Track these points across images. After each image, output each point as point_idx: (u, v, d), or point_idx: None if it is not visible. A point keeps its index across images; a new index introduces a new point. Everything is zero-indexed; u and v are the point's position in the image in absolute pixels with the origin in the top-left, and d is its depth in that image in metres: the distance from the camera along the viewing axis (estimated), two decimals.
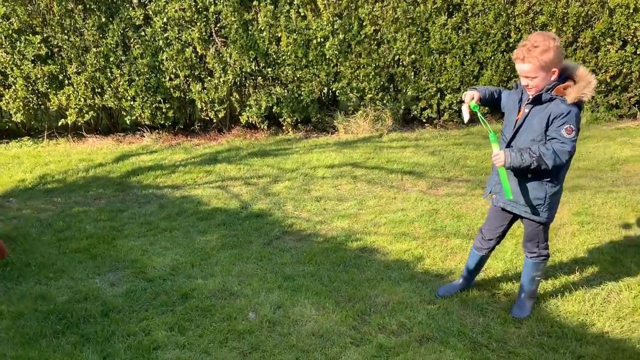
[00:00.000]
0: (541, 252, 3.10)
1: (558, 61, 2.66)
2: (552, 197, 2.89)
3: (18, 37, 6.76)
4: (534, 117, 2.76)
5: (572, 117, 2.66)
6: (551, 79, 2.69)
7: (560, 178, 2.88)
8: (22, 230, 4.53)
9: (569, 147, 2.65)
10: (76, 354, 2.84)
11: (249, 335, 2.99)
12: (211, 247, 4.10)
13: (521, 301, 3.23)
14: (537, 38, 2.64)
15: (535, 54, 2.62)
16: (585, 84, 2.68)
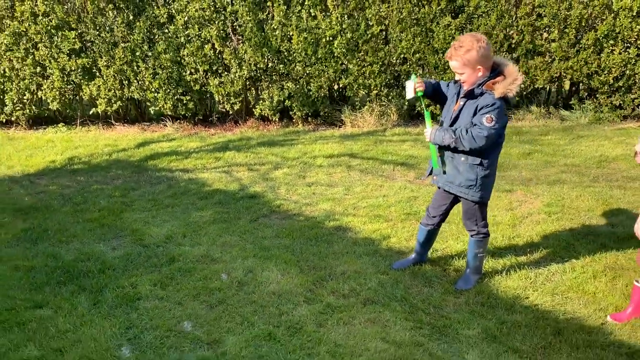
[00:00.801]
0: (480, 230, 3.44)
1: (483, 60, 3.00)
2: (483, 179, 3.23)
3: (56, 32, 7.46)
4: (466, 109, 3.12)
5: (495, 108, 3.01)
6: (478, 75, 3.04)
7: (489, 163, 3.21)
8: (46, 203, 5.15)
9: (485, 133, 2.99)
10: (72, 299, 3.38)
11: (218, 292, 3.46)
12: (204, 222, 4.59)
13: (466, 276, 3.57)
14: (464, 39, 3.00)
15: (460, 53, 2.98)
16: (511, 80, 3.02)
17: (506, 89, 3.00)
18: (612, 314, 3.19)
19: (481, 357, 2.83)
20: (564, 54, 7.19)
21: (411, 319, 3.17)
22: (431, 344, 2.94)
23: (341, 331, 3.05)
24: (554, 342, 2.95)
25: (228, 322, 3.15)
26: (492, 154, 3.20)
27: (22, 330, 3.06)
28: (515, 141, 6.76)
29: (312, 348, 2.90)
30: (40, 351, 2.88)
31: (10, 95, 7.79)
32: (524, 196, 5.04)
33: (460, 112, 3.16)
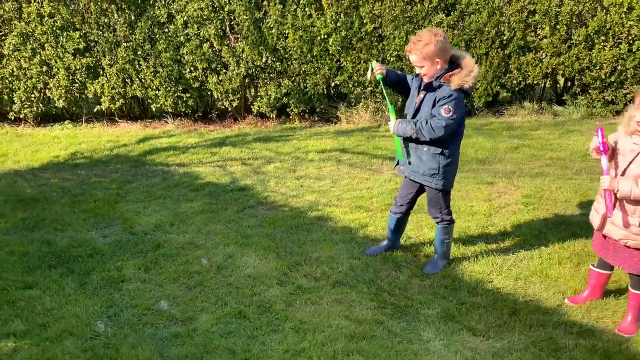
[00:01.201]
0: (444, 217, 3.59)
1: (441, 53, 3.15)
2: (445, 168, 3.38)
3: (61, 33, 7.73)
4: (426, 101, 3.28)
5: (452, 100, 3.16)
6: (437, 68, 3.19)
7: (451, 153, 3.37)
8: (46, 194, 5.40)
9: (443, 123, 3.15)
10: (60, 281, 3.61)
11: (198, 275, 3.66)
12: (192, 212, 4.80)
13: (434, 261, 3.73)
14: (423, 34, 3.16)
15: (418, 47, 3.14)
16: (467, 72, 3.17)
17: (462, 81, 3.15)
18: (570, 297, 3.33)
19: (436, 335, 2.99)
20: (555, 50, 7.28)
21: (376, 299, 3.34)
22: (391, 322, 3.11)
23: (308, 310, 3.23)
24: (508, 322, 3.10)
25: (203, 301, 3.35)
26: (453, 143, 3.36)
27: (11, 307, 3.29)
28: (505, 136, 6.87)
29: (279, 325, 3.09)
30: (26, 326, 3.10)
31: (18, 94, 8.08)
32: (505, 188, 5.16)
33: (421, 105, 3.32)
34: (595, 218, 3.06)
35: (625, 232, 2.87)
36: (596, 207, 3.07)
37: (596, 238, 3.15)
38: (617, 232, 2.92)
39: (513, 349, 2.86)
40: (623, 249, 2.95)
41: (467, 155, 6.19)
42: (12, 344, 2.95)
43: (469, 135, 6.97)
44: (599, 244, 3.12)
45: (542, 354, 2.82)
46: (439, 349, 2.87)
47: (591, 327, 3.06)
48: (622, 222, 2.87)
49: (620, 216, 2.87)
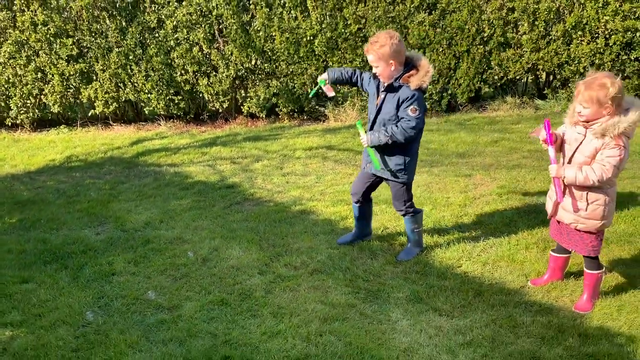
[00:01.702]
0: (407, 210, 3.80)
1: (395, 55, 3.35)
2: (409, 163, 3.62)
3: (54, 40, 7.96)
4: (388, 101, 3.49)
5: (415, 100, 3.38)
6: (391, 69, 3.39)
7: (413, 149, 3.61)
8: (42, 196, 5.62)
9: (413, 123, 3.38)
10: (54, 275, 3.83)
11: (184, 267, 3.88)
12: (181, 209, 5.02)
13: (408, 249, 3.95)
14: (380, 35, 3.37)
15: (375, 48, 3.35)
16: (424, 72, 3.39)
17: (420, 81, 3.37)
18: (532, 279, 3.54)
19: (404, 315, 3.20)
20: (534, 45, 7.50)
21: (350, 285, 3.55)
22: (363, 305, 3.33)
23: (286, 296, 3.45)
24: (473, 302, 3.31)
25: (188, 291, 3.57)
26: (416, 140, 3.58)
27: (8, 300, 3.51)
28: (487, 130, 7.09)
29: (258, 310, 3.31)
30: (22, 316, 3.32)
31: (14, 100, 8.31)
32: (482, 180, 5.38)
33: (382, 105, 3.53)
34: (548, 205, 3.28)
35: (575, 216, 3.09)
36: (550, 195, 3.28)
37: (552, 224, 3.36)
38: (567, 216, 3.13)
39: (474, 326, 3.07)
40: (575, 232, 3.16)
41: (447, 149, 6.41)
42: (10, 332, 3.16)
43: (452, 130, 7.20)
44: (554, 230, 3.33)
45: (501, 330, 3.04)
46: (405, 328, 3.09)
47: (550, 305, 3.27)
48: (571, 207, 3.08)
49: (570, 202, 3.09)
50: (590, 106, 2.89)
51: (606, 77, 2.87)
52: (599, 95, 2.83)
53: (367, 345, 2.94)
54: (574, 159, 3.04)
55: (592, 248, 3.15)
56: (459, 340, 2.96)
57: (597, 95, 2.84)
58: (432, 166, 5.88)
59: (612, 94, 2.81)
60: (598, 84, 2.85)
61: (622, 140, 2.92)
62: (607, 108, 2.85)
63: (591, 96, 2.85)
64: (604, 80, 2.84)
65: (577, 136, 3.04)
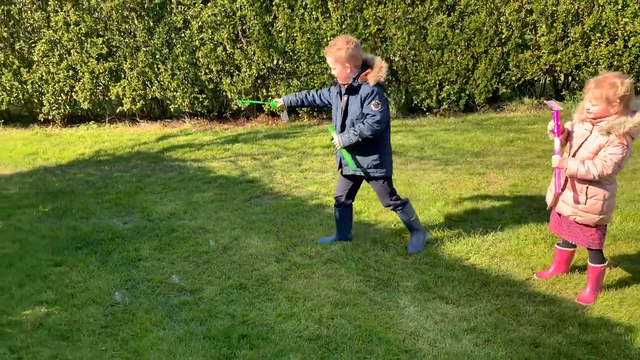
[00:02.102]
0: (395, 204, 3.96)
1: (350, 59, 3.54)
2: (383, 158, 3.77)
3: (85, 39, 8.29)
4: (352, 102, 3.67)
5: (375, 95, 3.57)
6: (347, 72, 3.58)
7: (384, 144, 3.77)
8: (73, 188, 5.92)
9: (378, 117, 3.57)
10: (85, 259, 4.09)
11: (206, 254, 4.11)
12: (204, 201, 5.26)
13: (414, 240, 4.06)
14: (338, 40, 3.58)
15: (332, 51, 3.55)
16: (378, 69, 3.58)
17: (377, 77, 3.56)
18: (538, 272, 3.68)
19: (412, 302, 3.38)
20: (552, 47, 7.57)
21: (362, 274, 3.74)
22: (374, 292, 3.51)
23: (300, 283, 3.65)
24: (479, 292, 3.47)
25: (209, 276, 3.79)
26: (384, 135, 3.75)
27: (43, 281, 3.78)
28: (503, 130, 7.19)
29: (274, 294, 3.51)
30: (56, 295, 3.58)
31: (47, 97, 8.68)
32: (495, 178, 5.51)
33: (347, 106, 3.70)
34: (549, 197, 3.42)
35: (574, 208, 3.22)
36: (550, 187, 3.42)
37: (552, 217, 3.50)
38: (566, 208, 3.27)
39: (479, 314, 3.23)
40: (575, 225, 3.29)
41: (463, 148, 6.54)
42: (45, 309, 3.43)
43: (468, 130, 7.32)
44: (554, 222, 3.47)
45: (504, 318, 3.19)
46: (412, 314, 3.26)
47: (553, 296, 3.41)
48: (572, 200, 3.22)
49: (571, 195, 3.22)
50: (599, 104, 3.02)
51: (616, 76, 3.00)
52: (608, 93, 2.96)
53: (375, 328, 3.12)
54: (578, 153, 3.17)
55: (592, 240, 3.27)
56: (463, 326, 3.12)
57: (607, 93, 2.97)
58: (446, 164, 6.02)
59: (621, 93, 2.94)
60: (608, 83, 2.97)
61: (626, 140, 3.04)
62: (615, 107, 2.98)
63: (601, 94, 2.98)
64: (614, 79, 2.97)
65: (584, 132, 3.16)
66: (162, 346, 3.01)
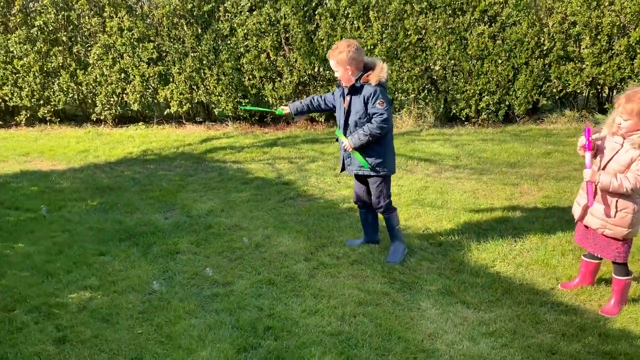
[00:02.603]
0: (387, 206, 4.02)
1: (351, 62, 3.66)
2: (386, 156, 3.88)
3: (137, 44, 8.73)
4: (355, 102, 3.79)
5: (379, 94, 3.70)
6: (349, 74, 3.71)
7: (387, 143, 3.87)
8: (120, 184, 6.26)
9: (385, 115, 3.71)
10: (127, 250, 4.37)
11: (239, 250, 4.31)
12: (240, 201, 5.48)
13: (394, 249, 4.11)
14: (340, 43, 3.71)
15: (334, 54, 3.69)
16: (379, 70, 3.70)
17: (378, 77, 3.68)
18: (563, 283, 3.70)
19: (433, 305, 3.47)
20: (595, 59, 7.47)
21: (387, 276, 3.85)
22: (397, 294, 3.62)
23: (327, 281, 3.79)
24: (501, 299, 3.53)
25: (241, 270, 3.99)
26: (388, 133, 3.85)
27: (89, 268, 4.07)
28: (541, 142, 7.15)
29: (300, 291, 3.67)
30: (99, 281, 3.85)
31: (100, 98, 9.16)
32: (528, 189, 5.51)
33: (350, 106, 3.82)
34: (576, 210, 3.44)
35: (602, 221, 3.25)
36: (578, 200, 3.45)
37: (578, 229, 3.52)
38: (595, 221, 3.29)
39: (498, 319, 3.29)
40: (602, 238, 3.31)
41: (499, 159, 6.55)
42: (89, 294, 3.70)
43: (506, 140, 7.31)
44: (580, 235, 3.49)
45: (523, 324, 3.24)
46: (433, 316, 3.35)
47: (576, 307, 3.43)
48: (601, 213, 3.24)
49: (599, 207, 3.25)
50: (631, 118, 3.05)
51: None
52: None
53: (395, 327, 3.23)
54: (608, 166, 3.20)
55: (618, 254, 3.29)
56: (482, 330, 3.19)
57: (638, 107, 3.00)
58: (481, 174, 6.04)
59: None
60: (639, 97, 3.01)
61: None
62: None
63: (632, 109, 3.01)
64: None
65: (615, 145, 3.19)
66: (193, 332, 3.21)
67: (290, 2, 8.03)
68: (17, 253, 4.37)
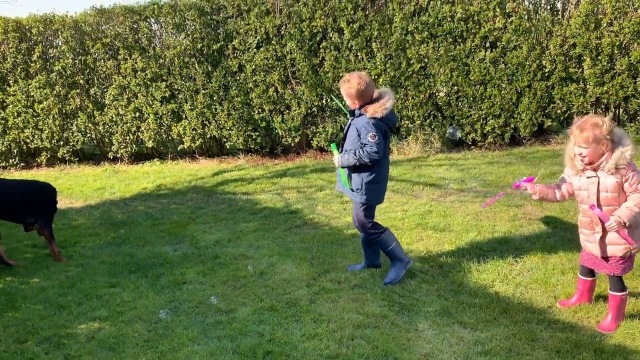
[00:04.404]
0: (368, 232, 4.14)
1: (359, 96, 3.83)
2: (367, 185, 3.97)
3: (151, 83, 9.08)
4: (352, 129, 3.96)
5: (371, 127, 3.80)
6: (356, 104, 3.88)
7: (372, 171, 3.95)
8: (133, 218, 6.46)
9: (375, 148, 3.81)
10: (136, 281, 4.52)
11: (243, 279, 4.43)
12: (248, 230, 5.62)
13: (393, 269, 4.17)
14: (351, 77, 3.84)
15: (345, 87, 3.86)
16: (380, 104, 3.81)
17: (374, 111, 3.79)
18: (561, 301, 3.73)
19: (430, 326, 3.52)
20: (598, 79, 7.53)
21: (387, 299, 3.92)
22: (395, 316, 3.68)
23: (327, 306, 3.87)
24: (498, 318, 3.57)
25: (244, 298, 4.09)
26: (375, 166, 3.93)
27: (98, 300, 4.22)
28: (547, 163, 7.17)
29: (301, 316, 3.76)
30: (108, 312, 4.00)
31: (116, 137, 9.50)
32: (532, 210, 5.54)
33: (348, 131, 4.00)
34: (590, 247, 3.45)
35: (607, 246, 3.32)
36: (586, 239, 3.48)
37: (583, 254, 3.56)
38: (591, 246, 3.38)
39: (494, 338, 3.33)
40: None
41: (504, 181, 6.60)
42: (97, 324, 3.84)
43: (511, 162, 7.36)
44: (587, 258, 3.52)
45: (519, 342, 3.27)
46: (430, 337, 3.40)
47: (573, 324, 3.45)
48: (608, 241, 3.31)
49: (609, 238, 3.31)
50: (589, 146, 3.15)
51: (595, 117, 3.17)
52: (595, 133, 3.10)
53: (392, 349, 3.29)
54: (601, 199, 3.25)
55: (617, 267, 3.31)
56: (477, 349, 3.24)
57: (594, 134, 3.11)
58: (485, 197, 6.10)
59: (606, 130, 3.08)
60: (591, 124, 3.13)
61: (633, 165, 3.14)
62: (605, 144, 3.11)
63: (588, 137, 3.12)
64: (595, 119, 3.14)
65: (591, 179, 3.26)
66: (195, 358, 3.31)
67: (296, 37, 8.31)
68: (32, 287, 4.56)
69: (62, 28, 9.25)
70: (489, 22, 7.75)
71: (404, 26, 7.95)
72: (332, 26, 8.22)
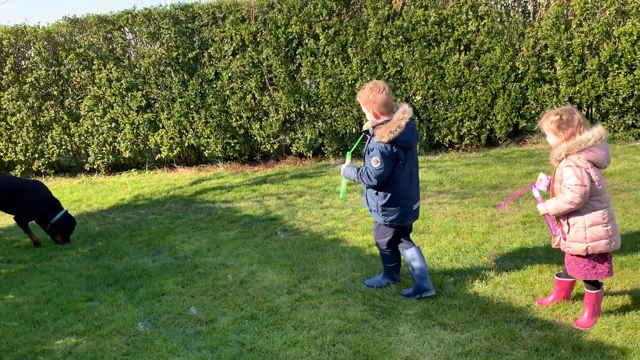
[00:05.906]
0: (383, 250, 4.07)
1: (372, 106, 3.65)
2: (383, 207, 3.84)
3: (126, 93, 8.98)
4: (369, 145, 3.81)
5: (377, 152, 3.64)
6: (372, 117, 3.72)
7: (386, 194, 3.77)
8: (111, 230, 6.37)
9: (373, 175, 3.68)
10: (113, 294, 4.45)
11: (223, 288, 4.39)
12: (227, 239, 5.58)
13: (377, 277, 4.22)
14: (366, 87, 3.70)
15: (360, 94, 3.75)
16: (392, 124, 3.59)
17: (382, 135, 3.58)
18: (539, 299, 3.76)
19: (411, 329, 3.53)
20: (570, 80, 7.67)
21: (368, 303, 3.92)
22: (376, 320, 3.68)
23: (308, 312, 3.86)
24: (477, 318, 3.59)
25: (224, 308, 4.05)
26: (387, 187, 3.77)
27: (75, 314, 4.14)
28: (523, 163, 7.28)
29: (282, 324, 3.74)
30: (85, 327, 3.92)
31: (92, 148, 9.37)
32: (509, 210, 5.61)
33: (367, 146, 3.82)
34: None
35: (564, 241, 3.36)
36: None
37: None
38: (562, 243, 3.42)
39: (474, 339, 3.34)
40: (570, 257, 3.40)
41: (481, 182, 6.67)
42: (75, 339, 3.76)
43: (488, 163, 7.44)
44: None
45: (498, 342, 3.29)
46: (410, 339, 3.41)
47: (551, 322, 3.49)
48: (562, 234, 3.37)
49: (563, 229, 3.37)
50: (549, 134, 3.33)
51: (561, 109, 3.31)
52: (551, 123, 3.26)
53: (373, 353, 3.28)
54: (555, 189, 3.36)
55: (587, 271, 3.36)
56: (458, 350, 3.25)
57: (549, 124, 3.27)
58: (463, 198, 6.15)
59: (561, 121, 3.19)
60: (552, 114, 3.29)
61: (571, 161, 3.20)
62: (561, 135, 3.21)
63: (547, 126, 3.30)
64: (557, 110, 3.29)
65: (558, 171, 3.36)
66: None
67: (272, 44, 8.32)
68: (6, 304, 4.46)
69: (35, 39, 9.12)
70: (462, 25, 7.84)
71: (378, 31, 8.01)
72: (308, 32, 8.25)
